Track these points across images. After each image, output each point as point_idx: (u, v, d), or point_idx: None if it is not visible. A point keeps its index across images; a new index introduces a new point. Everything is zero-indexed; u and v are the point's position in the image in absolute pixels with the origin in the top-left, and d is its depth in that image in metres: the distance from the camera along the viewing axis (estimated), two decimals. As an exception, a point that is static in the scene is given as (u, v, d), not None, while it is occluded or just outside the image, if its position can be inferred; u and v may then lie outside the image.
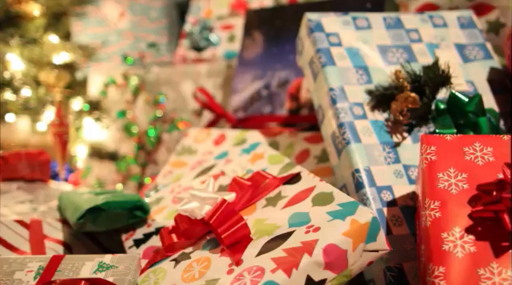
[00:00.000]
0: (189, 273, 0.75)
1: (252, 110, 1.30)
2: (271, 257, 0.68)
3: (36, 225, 1.01)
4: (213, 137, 1.24)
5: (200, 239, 0.82)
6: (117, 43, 1.77)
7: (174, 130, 1.54)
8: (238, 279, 0.68)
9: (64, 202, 1.06)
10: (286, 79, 1.26)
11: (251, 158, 0.98)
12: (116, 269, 0.77)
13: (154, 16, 1.77)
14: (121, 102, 1.62)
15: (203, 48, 1.63)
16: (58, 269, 0.78)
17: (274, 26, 1.32)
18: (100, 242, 1.05)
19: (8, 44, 1.45)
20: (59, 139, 1.44)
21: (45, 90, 1.61)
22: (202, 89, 1.35)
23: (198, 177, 1.03)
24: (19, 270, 0.79)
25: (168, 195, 1.03)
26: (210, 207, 0.80)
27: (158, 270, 0.79)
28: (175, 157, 1.25)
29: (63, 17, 1.60)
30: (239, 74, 1.36)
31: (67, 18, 1.65)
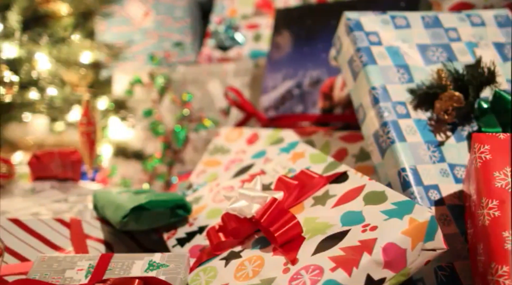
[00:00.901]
0: (242, 272, 0.75)
1: (284, 109, 1.30)
2: (328, 256, 0.68)
3: (76, 224, 1.01)
4: (245, 136, 1.24)
5: (248, 238, 0.82)
6: (141, 43, 1.77)
7: (201, 129, 1.54)
8: (296, 278, 0.68)
9: (101, 201, 1.06)
10: (319, 78, 1.26)
11: (291, 157, 0.98)
12: (167, 268, 0.77)
13: (178, 15, 1.77)
14: (147, 101, 1.63)
15: (229, 47, 1.63)
16: (108, 268, 0.79)
17: (305, 25, 1.32)
18: (138, 241, 1.05)
19: (37, 43, 1.45)
20: (87, 138, 1.44)
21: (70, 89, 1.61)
22: (234, 88, 1.35)
23: (237, 176, 1.03)
24: (69, 269, 0.79)
25: (207, 194, 1.03)
26: (259, 205, 0.80)
27: (208, 269, 0.79)
28: (207, 156, 1.25)
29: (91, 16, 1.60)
30: (270, 73, 1.36)
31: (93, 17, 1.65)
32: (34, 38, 1.44)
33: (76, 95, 1.60)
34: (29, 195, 1.18)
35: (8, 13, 1.43)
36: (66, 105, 1.60)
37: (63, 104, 1.62)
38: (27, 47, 1.44)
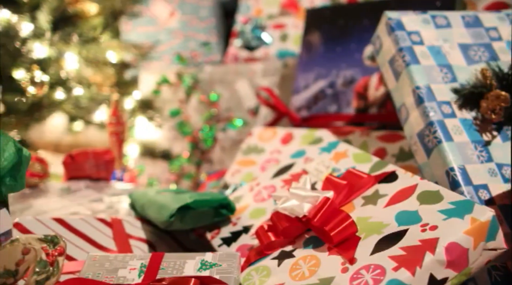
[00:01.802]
0: (297, 271, 0.74)
1: (317, 109, 1.30)
2: (389, 255, 0.68)
3: (117, 223, 1.01)
4: (279, 136, 1.24)
5: (298, 237, 0.82)
6: (167, 42, 1.77)
7: (229, 129, 1.54)
8: (356, 277, 0.68)
9: (140, 201, 1.06)
10: (352, 78, 1.26)
11: (333, 157, 0.98)
12: (220, 267, 0.77)
13: (203, 15, 1.77)
14: (174, 101, 1.63)
15: (255, 47, 1.63)
16: (161, 267, 0.79)
17: (337, 25, 1.32)
18: (178, 240, 1.05)
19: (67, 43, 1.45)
20: (116, 138, 1.44)
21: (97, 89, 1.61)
22: (266, 88, 1.35)
23: (277, 176, 1.03)
24: (122, 268, 0.79)
25: (247, 193, 1.03)
26: (310, 205, 0.80)
27: (261, 268, 0.79)
28: (241, 156, 1.25)
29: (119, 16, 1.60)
30: (301, 73, 1.35)
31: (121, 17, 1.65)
32: (64, 38, 1.44)
33: (103, 95, 1.60)
34: (65, 195, 1.18)
35: (38, 13, 1.44)
36: (93, 105, 1.60)
37: (89, 104, 1.62)
38: (57, 47, 1.44)
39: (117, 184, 1.32)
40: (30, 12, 1.45)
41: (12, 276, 0.65)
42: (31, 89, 1.41)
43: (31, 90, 1.41)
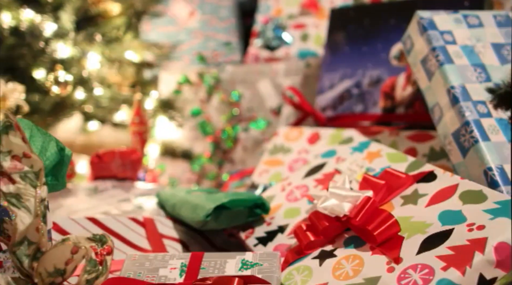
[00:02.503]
0: (341, 271, 0.74)
1: (342, 108, 1.30)
2: (436, 255, 0.68)
3: (149, 223, 1.01)
4: (305, 135, 1.24)
5: (337, 237, 0.82)
6: (187, 42, 1.77)
7: (252, 129, 1.54)
8: (404, 277, 0.68)
9: (171, 201, 1.06)
10: (379, 78, 1.26)
11: (366, 157, 0.98)
12: (261, 267, 0.77)
13: (223, 15, 1.77)
14: (195, 101, 1.63)
15: (276, 47, 1.63)
16: (201, 267, 0.78)
17: (362, 24, 1.32)
18: (210, 240, 1.05)
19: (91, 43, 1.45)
20: (139, 137, 1.44)
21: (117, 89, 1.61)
22: (292, 88, 1.34)
23: (308, 175, 1.03)
24: (162, 267, 0.79)
25: (279, 193, 1.03)
26: (350, 204, 0.80)
27: (302, 268, 0.79)
28: (268, 156, 1.25)
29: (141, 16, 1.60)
30: (326, 73, 1.35)
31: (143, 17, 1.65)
32: (87, 38, 1.44)
33: (124, 95, 1.60)
34: (93, 194, 1.18)
35: (61, 13, 1.44)
36: (113, 105, 1.60)
37: (110, 104, 1.62)
38: (80, 46, 1.44)
39: (141, 184, 1.32)
40: (53, 12, 1.46)
41: (60, 275, 0.66)
42: (55, 88, 1.41)
43: (55, 89, 1.41)
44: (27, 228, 0.64)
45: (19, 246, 0.65)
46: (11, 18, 1.45)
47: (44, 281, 0.65)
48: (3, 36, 1.46)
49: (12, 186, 0.65)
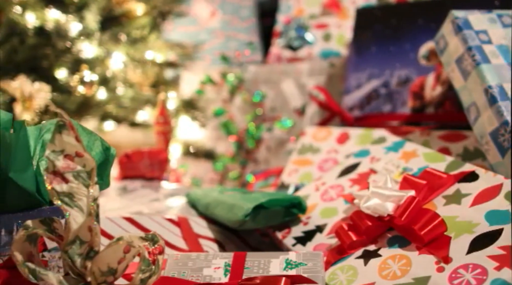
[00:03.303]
0: (388, 270, 0.74)
1: (370, 108, 1.30)
2: (487, 255, 0.68)
3: (184, 222, 1.01)
4: (334, 135, 1.24)
5: (380, 237, 0.82)
6: (208, 42, 1.77)
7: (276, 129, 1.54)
8: (455, 277, 0.67)
9: (203, 201, 1.06)
10: (407, 78, 1.26)
11: (401, 156, 0.98)
12: (306, 266, 0.77)
13: (245, 15, 1.77)
14: (217, 101, 1.63)
15: (298, 47, 1.63)
16: (245, 266, 0.78)
17: (389, 24, 1.32)
18: (244, 239, 1.05)
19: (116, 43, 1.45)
20: (164, 137, 1.44)
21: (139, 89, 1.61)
22: (320, 87, 1.34)
23: (343, 175, 1.03)
24: (206, 267, 0.79)
25: (313, 193, 1.03)
26: (393, 204, 0.80)
27: (346, 267, 0.79)
28: (296, 155, 1.25)
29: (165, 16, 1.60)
30: (352, 72, 1.35)
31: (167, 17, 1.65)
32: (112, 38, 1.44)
33: (146, 95, 1.60)
34: (123, 194, 1.18)
35: (86, 13, 1.44)
36: (136, 105, 1.60)
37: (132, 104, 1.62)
38: (105, 46, 1.44)
39: (168, 184, 1.32)
40: (78, 12, 1.46)
41: (112, 274, 0.66)
42: (80, 88, 1.42)
43: (81, 89, 1.42)
44: (79, 227, 0.64)
45: (71, 245, 0.65)
46: (35, 18, 1.46)
47: (97, 280, 0.65)
48: (28, 36, 1.46)
49: (65, 185, 0.65)
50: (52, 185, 0.65)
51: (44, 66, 1.51)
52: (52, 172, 0.65)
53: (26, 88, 1.34)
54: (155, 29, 1.55)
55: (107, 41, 1.44)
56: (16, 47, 1.43)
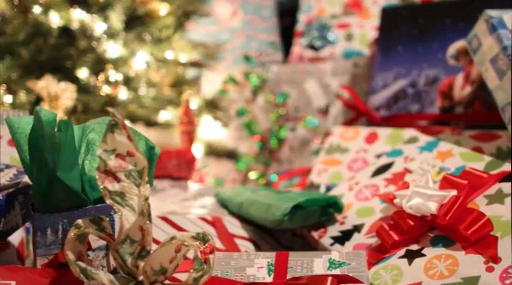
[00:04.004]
0: (434, 270, 0.74)
1: (397, 108, 1.30)
2: (538, 254, 0.68)
3: (218, 222, 1.01)
4: (362, 135, 1.24)
5: (422, 236, 0.82)
6: (229, 42, 1.77)
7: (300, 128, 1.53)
8: (507, 276, 0.67)
9: (236, 200, 1.06)
10: (435, 77, 1.26)
11: (436, 156, 0.97)
12: (350, 266, 0.77)
13: (266, 14, 1.77)
14: (239, 101, 1.63)
15: (320, 47, 1.63)
16: (289, 266, 0.78)
17: (416, 24, 1.31)
18: (277, 239, 1.05)
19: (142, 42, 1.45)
20: (188, 137, 1.45)
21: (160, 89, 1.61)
22: (347, 87, 1.34)
23: (376, 175, 1.03)
24: (249, 266, 0.79)
25: (347, 192, 1.03)
26: (436, 204, 0.80)
27: (389, 267, 0.79)
28: (324, 155, 1.25)
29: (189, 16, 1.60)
30: (379, 72, 1.35)
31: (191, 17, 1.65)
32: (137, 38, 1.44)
33: (167, 95, 1.60)
34: (153, 194, 1.19)
35: (110, 13, 1.44)
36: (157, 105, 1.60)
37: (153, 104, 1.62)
38: (130, 46, 1.44)
39: (194, 184, 1.32)
40: (101, 11, 1.46)
41: (163, 273, 0.66)
42: (105, 88, 1.42)
43: (106, 89, 1.42)
44: (131, 226, 0.64)
45: (122, 245, 0.65)
46: (59, 18, 1.46)
47: (149, 279, 0.65)
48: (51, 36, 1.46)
49: (117, 184, 0.65)
50: (104, 184, 0.65)
51: (67, 66, 1.51)
52: (103, 171, 0.65)
53: (52, 88, 1.34)
54: (179, 29, 1.55)
55: (131, 41, 1.44)
56: (40, 47, 1.43)
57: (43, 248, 0.74)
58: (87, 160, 0.77)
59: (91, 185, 0.77)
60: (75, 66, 1.50)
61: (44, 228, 0.74)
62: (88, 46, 1.43)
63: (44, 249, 0.74)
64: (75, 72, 1.51)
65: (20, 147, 0.77)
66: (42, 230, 0.74)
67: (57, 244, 0.74)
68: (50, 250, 0.74)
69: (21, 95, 1.37)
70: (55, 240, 0.74)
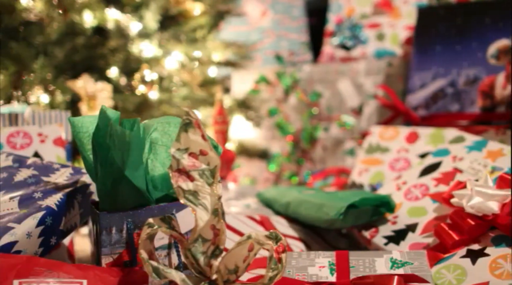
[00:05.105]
0: (500, 270, 0.74)
1: (436, 107, 1.30)
2: None
3: (266, 221, 1.01)
4: (402, 134, 1.24)
5: (482, 236, 0.81)
6: (259, 42, 1.77)
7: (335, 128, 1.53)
8: None
9: (283, 200, 1.07)
10: (476, 77, 1.25)
11: (486, 156, 0.97)
12: (412, 266, 0.77)
13: (295, 14, 1.77)
14: (271, 100, 1.63)
15: (352, 47, 1.63)
16: (351, 265, 0.78)
17: (455, 23, 1.31)
18: (324, 238, 1.05)
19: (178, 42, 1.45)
20: (222, 136, 1.45)
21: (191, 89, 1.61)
22: (385, 87, 1.34)
23: (424, 174, 1.02)
24: (310, 266, 0.79)
25: (395, 192, 1.02)
26: (497, 203, 0.80)
27: (452, 267, 0.78)
28: (364, 155, 1.25)
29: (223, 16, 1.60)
30: (416, 72, 1.35)
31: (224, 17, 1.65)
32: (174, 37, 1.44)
33: (199, 95, 1.60)
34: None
35: (144, 13, 1.44)
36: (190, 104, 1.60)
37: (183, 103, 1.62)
38: (166, 46, 1.44)
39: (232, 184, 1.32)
40: (136, 11, 1.46)
41: (235, 272, 0.66)
42: (141, 88, 1.42)
43: (141, 89, 1.42)
44: (204, 225, 0.64)
45: (194, 243, 0.65)
46: (93, 18, 1.46)
47: (223, 278, 0.65)
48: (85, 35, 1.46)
49: (191, 183, 0.65)
50: (178, 183, 0.65)
51: (100, 66, 1.51)
52: (177, 170, 0.65)
53: (90, 87, 1.34)
54: (214, 29, 1.54)
55: (167, 40, 1.44)
56: (76, 46, 1.43)
57: (108, 247, 0.74)
58: (149, 160, 0.77)
59: (153, 184, 0.77)
60: (107, 65, 1.50)
61: (109, 227, 0.74)
62: (122, 46, 1.42)
63: (109, 248, 0.74)
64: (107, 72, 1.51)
65: (83, 146, 0.77)
66: (107, 229, 0.74)
67: (122, 243, 0.74)
68: (115, 249, 0.74)
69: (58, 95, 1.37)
70: (120, 239, 0.74)
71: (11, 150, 1.00)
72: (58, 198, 0.79)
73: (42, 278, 0.65)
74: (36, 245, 0.76)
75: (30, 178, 0.84)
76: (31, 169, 0.86)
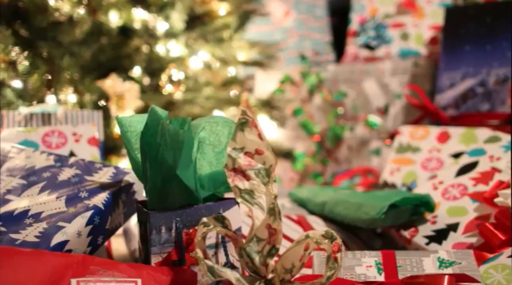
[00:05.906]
0: (549, 269, 0.74)
1: (466, 107, 1.29)
2: None
3: (303, 221, 1.01)
4: (433, 134, 1.24)
5: (525, 235, 0.81)
6: (282, 42, 1.77)
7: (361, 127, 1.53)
8: None
9: (318, 200, 1.07)
10: (506, 77, 1.25)
11: (523, 155, 0.97)
12: (460, 265, 0.77)
13: (319, 14, 1.77)
14: (295, 100, 1.63)
15: (376, 46, 1.63)
16: (398, 265, 0.78)
17: (484, 23, 1.31)
18: (359, 237, 1.05)
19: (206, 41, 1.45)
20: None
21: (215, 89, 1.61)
22: (415, 86, 1.34)
23: (461, 174, 1.02)
24: (357, 265, 0.79)
25: (431, 192, 1.02)
26: (542, 203, 0.80)
27: (500, 267, 0.78)
28: (395, 154, 1.25)
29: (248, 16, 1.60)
30: (445, 72, 1.35)
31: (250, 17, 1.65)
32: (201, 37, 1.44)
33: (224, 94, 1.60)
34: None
35: (170, 12, 1.44)
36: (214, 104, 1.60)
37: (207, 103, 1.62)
38: (193, 46, 1.44)
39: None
40: (161, 11, 1.46)
41: (290, 272, 0.66)
42: (168, 87, 1.42)
43: (169, 88, 1.42)
44: (259, 225, 0.64)
45: (249, 243, 0.65)
46: (118, 18, 1.46)
47: (279, 277, 0.65)
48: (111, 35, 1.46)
49: (247, 182, 0.65)
50: (234, 182, 0.65)
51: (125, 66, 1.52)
52: (232, 169, 0.65)
53: (118, 87, 1.34)
54: (240, 29, 1.55)
55: (194, 40, 1.44)
56: (102, 46, 1.43)
57: (158, 246, 0.74)
58: (197, 159, 0.77)
59: (201, 184, 0.77)
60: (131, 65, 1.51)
61: (159, 226, 0.74)
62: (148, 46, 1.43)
63: (158, 247, 0.74)
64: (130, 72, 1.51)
65: (131, 145, 0.77)
66: (157, 228, 0.74)
67: (171, 242, 0.74)
68: (164, 248, 0.74)
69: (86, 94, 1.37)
70: (169, 238, 0.74)
71: (47, 150, 1.00)
72: (104, 197, 0.79)
73: (98, 277, 0.65)
74: (85, 244, 0.76)
75: (74, 178, 0.84)
76: (74, 168, 0.87)
